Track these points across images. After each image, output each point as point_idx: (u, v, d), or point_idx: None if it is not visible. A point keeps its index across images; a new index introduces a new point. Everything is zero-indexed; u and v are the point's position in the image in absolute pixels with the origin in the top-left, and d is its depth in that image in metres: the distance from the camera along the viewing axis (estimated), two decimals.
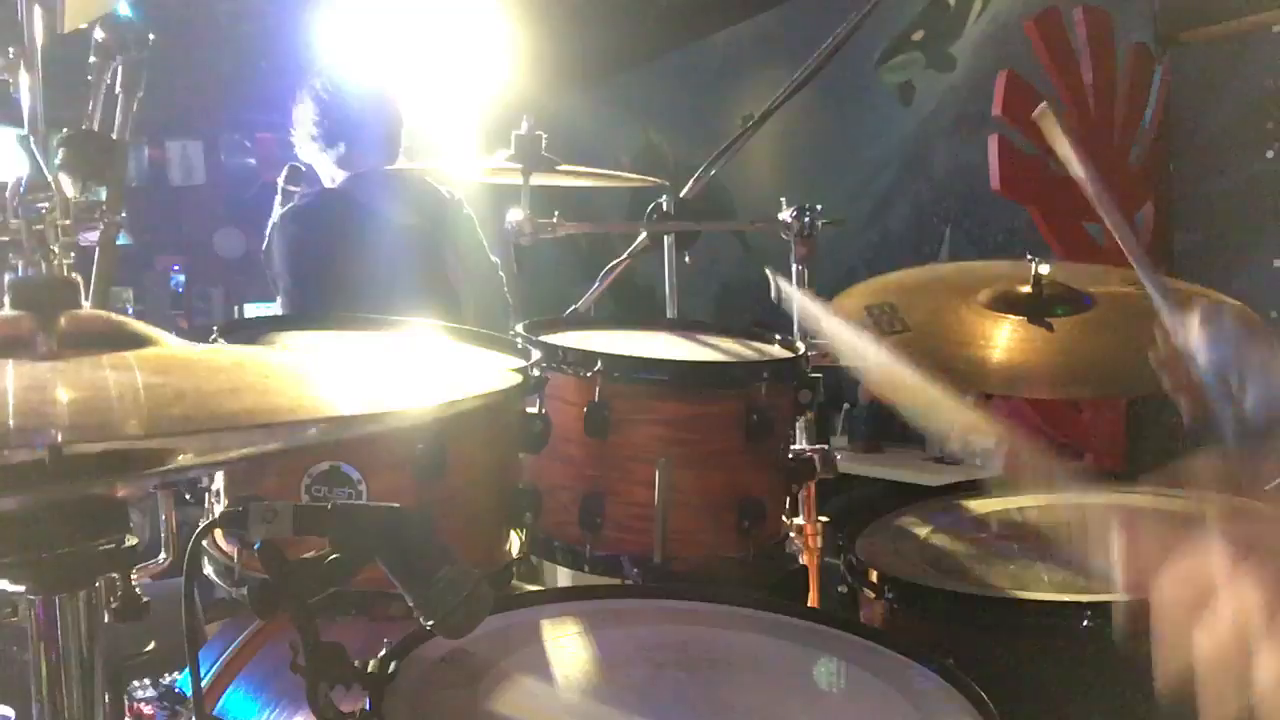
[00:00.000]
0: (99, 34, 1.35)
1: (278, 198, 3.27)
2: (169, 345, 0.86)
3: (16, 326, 0.81)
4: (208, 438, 0.71)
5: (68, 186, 1.17)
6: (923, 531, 1.56)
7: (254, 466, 1.24)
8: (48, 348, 0.80)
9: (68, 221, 1.15)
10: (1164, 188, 3.59)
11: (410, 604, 0.90)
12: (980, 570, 1.41)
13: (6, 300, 0.84)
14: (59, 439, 0.63)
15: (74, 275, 0.91)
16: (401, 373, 0.98)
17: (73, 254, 1.17)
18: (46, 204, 1.11)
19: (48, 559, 0.81)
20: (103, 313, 0.88)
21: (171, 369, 0.81)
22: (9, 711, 1.26)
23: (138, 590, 1.03)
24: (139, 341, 0.84)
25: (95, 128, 1.34)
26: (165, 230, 6.33)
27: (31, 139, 1.12)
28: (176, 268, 6.52)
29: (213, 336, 1.33)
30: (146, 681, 1.51)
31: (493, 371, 1.28)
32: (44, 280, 0.89)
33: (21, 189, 1.08)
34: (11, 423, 0.66)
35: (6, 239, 1.14)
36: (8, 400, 0.69)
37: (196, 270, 6.55)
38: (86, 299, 1.29)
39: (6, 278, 0.87)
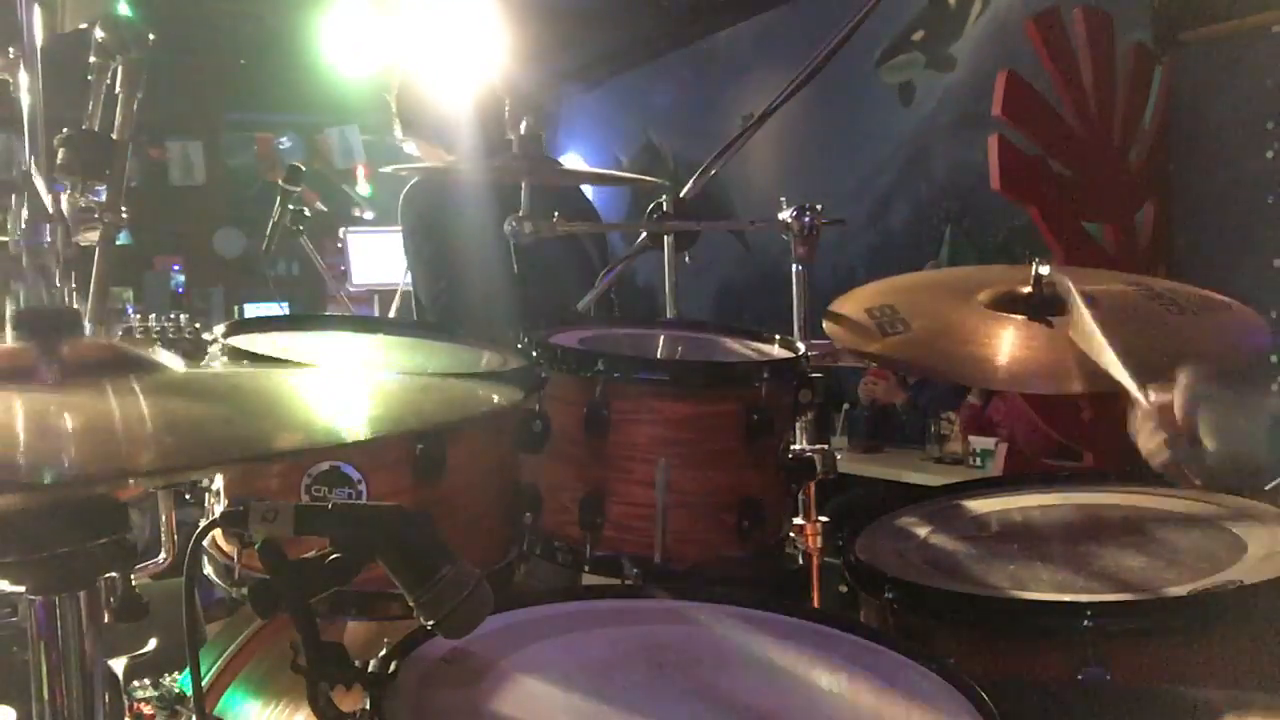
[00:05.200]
0: (99, 34, 1.35)
1: (278, 198, 3.28)
2: (170, 369, 0.86)
3: (20, 357, 0.81)
4: (215, 466, 0.72)
5: (66, 209, 1.17)
6: (923, 531, 1.56)
7: (254, 467, 1.24)
8: (51, 377, 0.80)
9: (69, 250, 1.16)
10: (1164, 188, 3.59)
11: (410, 604, 0.90)
12: (980, 570, 1.41)
13: (9, 330, 0.84)
14: (67, 472, 0.63)
15: (74, 298, 0.92)
16: (399, 387, 0.98)
17: (74, 274, 1.18)
18: (49, 236, 1.11)
19: (48, 559, 0.81)
20: (104, 340, 0.88)
21: (173, 395, 0.82)
22: (9, 711, 1.26)
23: (138, 590, 1.03)
24: (141, 367, 0.84)
25: (95, 128, 1.34)
26: (165, 230, 6.33)
27: (33, 165, 1.12)
28: (176, 268, 6.52)
29: (213, 339, 1.33)
30: (146, 681, 1.51)
31: (488, 385, 1.28)
32: (46, 310, 0.89)
33: (23, 219, 1.09)
34: (21, 460, 0.66)
35: (5, 238, 1.14)
36: (17, 433, 0.69)
37: (196, 270, 6.55)
38: (86, 299, 1.30)
39: (9, 307, 0.87)
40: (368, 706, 0.92)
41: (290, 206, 3.26)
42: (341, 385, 0.97)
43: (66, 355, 0.82)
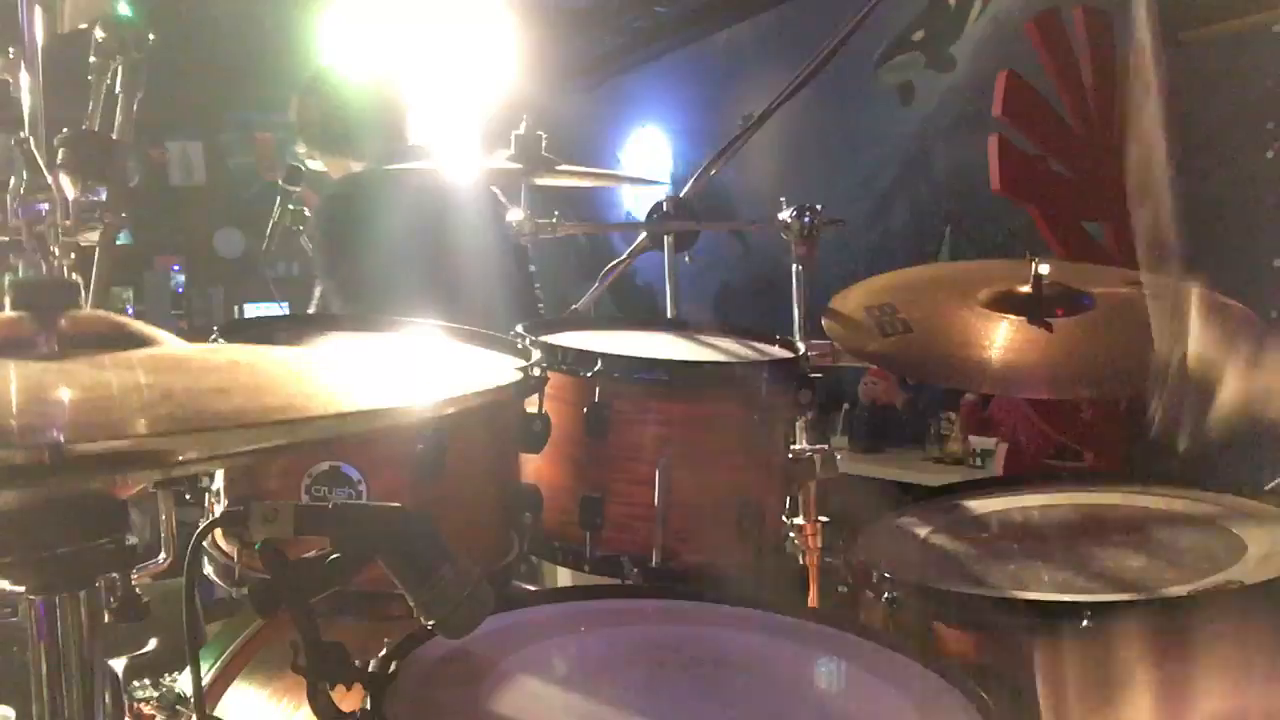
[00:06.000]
0: (99, 34, 1.35)
1: (278, 198, 3.27)
2: (169, 345, 0.86)
3: (17, 327, 0.81)
4: (210, 436, 0.71)
5: (67, 187, 1.17)
6: (923, 531, 1.56)
7: (254, 466, 1.24)
8: (49, 348, 0.80)
9: (68, 222, 1.15)
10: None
11: (410, 604, 0.90)
12: (980, 570, 1.41)
13: (7, 301, 0.84)
14: (60, 438, 0.63)
15: (74, 276, 0.92)
16: (399, 372, 0.98)
17: (73, 254, 1.17)
18: (46, 205, 1.11)
19: (48, 559, 0.81)
20: (103, 313, 0.88)
21: (171, 368, 0.81)
22: (9, 711, 1.26)
23: (138, 590, 1.03)
24: (139, 341, 0.84)
25: (95, 128, 1.34)
26: (165, 230, 6.33)
27: (30, 140, 1.12)
28: (176, 268, 6.51)
29: (213, 337, 1.33)
30: (146, 681, 1.51)
31: (491, 370, 1.28)
32: (44, 281, 0.89)
33: (21, 190, 1.08)
34: (14, 422, 0.66)
35: (6, 239, 1.14)
36: (10, 400, 0.69)
37: (196, 270, 6.54)
38: (87, 299, 1.30)
39: (7, 278, 0.87)
40: (368, 706, 0.92)
41: (290, 206, 3.26)
42: (341, 366, 0.96)
43: (65, 327, 0.82)
